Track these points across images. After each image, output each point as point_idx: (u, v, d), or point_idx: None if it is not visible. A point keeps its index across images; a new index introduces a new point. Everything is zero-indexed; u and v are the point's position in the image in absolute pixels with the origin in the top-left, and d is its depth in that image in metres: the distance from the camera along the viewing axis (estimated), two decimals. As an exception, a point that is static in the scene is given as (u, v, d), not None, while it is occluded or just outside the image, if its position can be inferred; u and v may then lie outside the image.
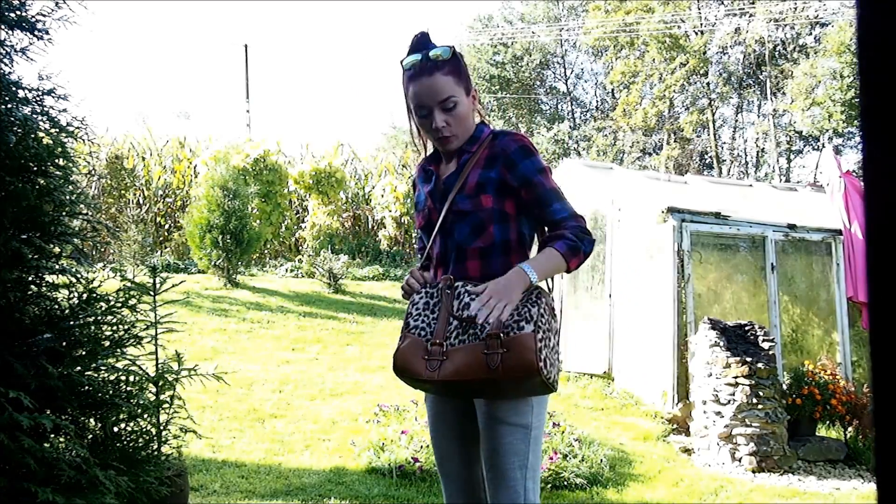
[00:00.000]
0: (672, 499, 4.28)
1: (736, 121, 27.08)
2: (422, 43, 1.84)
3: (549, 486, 4.12)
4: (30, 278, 2.33)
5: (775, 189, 8.00)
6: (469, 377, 1.66)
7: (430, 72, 1.78)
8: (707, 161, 26.11)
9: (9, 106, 2.26)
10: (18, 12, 2.33)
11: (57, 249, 2.40)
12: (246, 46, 23.29)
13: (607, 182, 7.16)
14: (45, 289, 2.38)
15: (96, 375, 2.42)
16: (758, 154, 26.48)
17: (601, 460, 4.48)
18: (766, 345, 5.24)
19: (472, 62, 27.83)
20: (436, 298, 1.78)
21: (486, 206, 1.82)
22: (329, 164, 12.96)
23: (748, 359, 5.05)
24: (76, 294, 2.43)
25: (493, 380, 1.64)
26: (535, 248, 1.90)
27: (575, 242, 1.76)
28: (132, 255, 9.87)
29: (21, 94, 2.31)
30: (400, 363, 1.75)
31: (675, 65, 23.66)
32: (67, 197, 2.34)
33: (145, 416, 2.72)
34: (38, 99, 2.34)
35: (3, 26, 2.31)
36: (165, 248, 13.05)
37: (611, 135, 26.66)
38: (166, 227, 13.73)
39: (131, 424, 2.63)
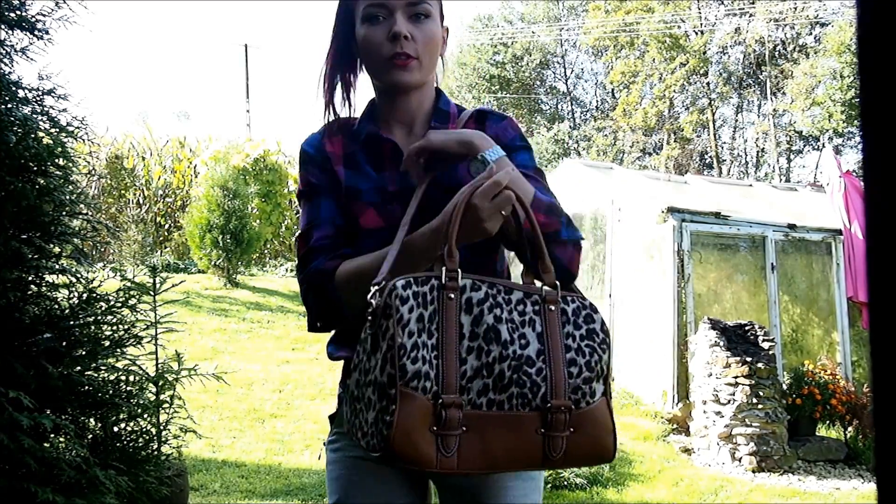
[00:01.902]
0: (672, 499, 4.28)
1: (736, 121, 27.09)
2: None
3: (549, 486, 4.12)
4: (30, 278, 2.33)
5: (775, 189, 8.01)
6: (511, 469, 1.05)
7: None
8: (707, 161, 26.11)
9: (9, 106, 2.26)
10: (18, 12, 2.33)
11: (57, 249, 2.40)
12: (246, 46, 23.29)
13: (607, 182, 7.16)
14: (45, 289, 2.38)
15: (96, 375, 2.42)
16: (758, 154, 26.48)
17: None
18: (766, 345, 5.24)
19: (472, 62, 27.84)
20: (431, 307, 1.02)
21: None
22: (329, 164, 12.95)
23: (748, 359, 5.05)
24: (76, 294, 2.43)
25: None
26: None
27: (557, 206, 1.19)
28: (132, 255, 9.88)
29: (21, 93, 2.31)
30: (401, 443, 0.97)
31: (675, 65, 23.66)
32: (67, 197, 2.34)
33: (145, 416, 2.72)
34: (38, 99, 2.34)
35: (3, 26, 2.31)
36: (165, 248, 13.05)
37: (611, 135, 26.66)
38: (166, 227, 13.73)
39: (131, 424, 2.63)
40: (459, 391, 0.99)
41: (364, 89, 1.37)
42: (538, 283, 1.11)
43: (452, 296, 1.02)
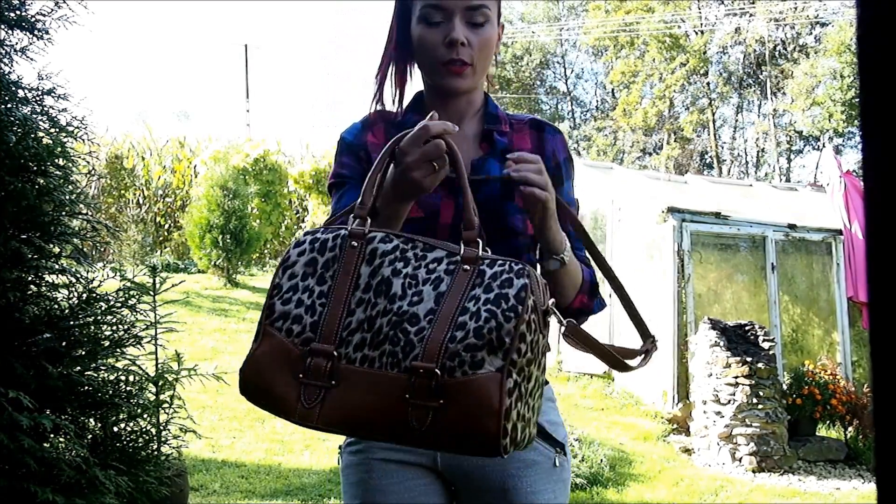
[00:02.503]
0: (672, 499, 4.28)
1: (736, 121, 27.10)
2: None
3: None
4: (29, 278, 2.33)
5: (775, 189, 8.01)
6: (371, 433, 0.94)
7: None
8: (707, 161, 26.11)
9: (9, 106, 2.26)
10: (18, 12, 2.33)
11: (57, 249, 2.40)
12: (246, 46, 23.30)
13: (607, 182, 7.16)
14: (44, 289, 2.38)
15: (96, 375, 2.42)
16: (758, 154, 26.49)
17: (601, 460, 4.48)
18: (766, 345, 5.24)
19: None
20: (329, 253, 0.99)
21: (530, 232, 1.20)
22: (329, 164, 12.97)
23: (748, 359, 5.05)
24: (76, 294, 2.43)
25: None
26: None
27: (597, 286, 1.28)
28: (132, 255, 9.88)
29: (21, 93, 2.31)
30: (252, 381, 0.98)
31: (675, 65, 23.67)
32: (67, 197, 2.34)
33: (145, 416, 2.72)
34: (37, 99, 2.34)
35: (3, 26, 2.31)
36: (165, 247, 13.05)
37: (611, 135, 26.67)
38: (166, 227, 13.74)
39: (131, 424, 2.63)
40: (339, 342, 0.93)
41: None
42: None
43: (355, 244, 0.98)
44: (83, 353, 2.36)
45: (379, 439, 0.98)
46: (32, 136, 2.26)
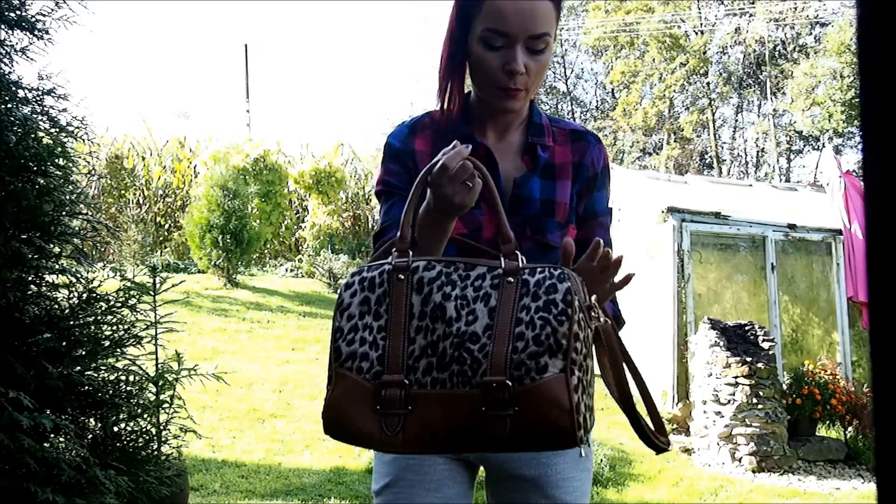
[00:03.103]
0: (672, 499, 4.28)
1: (736, 121, 27.09)
2: None
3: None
4: (30, 278, 2.33)
5: (775, 189, 8.01)
6: (452, 447, 1.01)
7: None
8: (707, 161, 26.11)
9: (9, 106, 2.26)
10: (18, 12, 2.33)
11: (57, 249, 2.40)
12: (246, 46, 23.28)
13: (607, 182, 7.16)
14: (45, 289, 2.39)
15: (96, 375, 2.42)
16: (758, 154, 26.49)
17: (601, 460, 4.48)
18: (766, 345, 5.24)
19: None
20: (380, 289, 1.03)
21: (570, 242, 1.21)
22: (329, 164, 12.96)
23: (748, 359, 5.05)
24: (76, 294, 2.43)
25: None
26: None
27: (619, 312, 1.33)
28: (132, 255, 9.88)
29: (21, 93, 2.31)
30: (335, 421, 1.04)
31: (675, 65, 23.67)
32: (67, 197, 2.34)
33: (145, 416, 2.72)
34: (37, 99, 2.34)
35: (3, 26, 2.31)
36: (165, 247, 13.05)
37: (611, 135, 26.66)
38: (166, 227, 13.73)
39: (131, 424, 2.63)
40: (407, 370, 0.99)
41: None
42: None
43: (402, 276, 1.02)
44: (83, 353, 2.36)
45: (460, 451, 1.03)
46: (33, 136, 2.26)
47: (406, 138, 1.30)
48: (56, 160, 2.31)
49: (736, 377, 5.04)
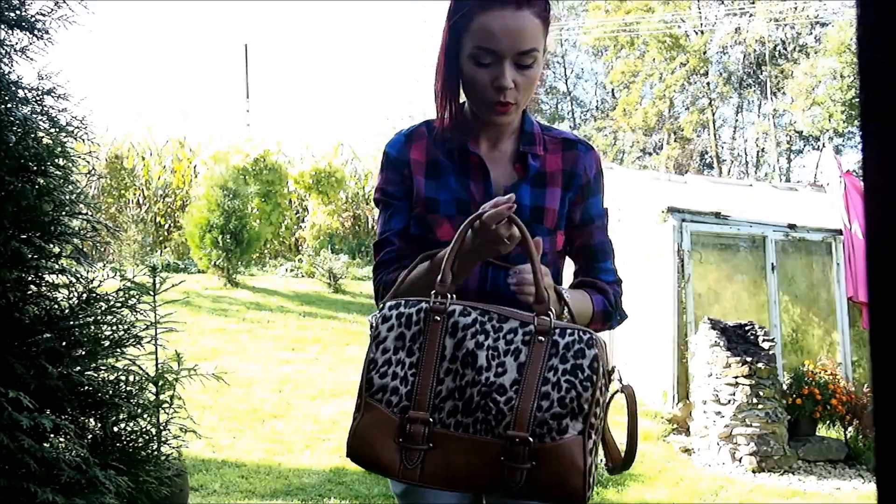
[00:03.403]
0: (672, 499, 4.28)
1: (736, 121, 27.10)
2: None
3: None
4: (29, 278, 2.33)
5: (775, 189, 8.01)
6: (469, 488, 1.07)
7: (520, 4, 1.19)
8: (707, 161, 26.11)
9: (8, 105, 2.26)
10: (18, 12, 2.33)
11: (57, 249, 2.40)
12: (246, 46, 23.28)
13: (607, 182, 7.15)
14: (44, 289, 2.38)
15: (96, 375, 2.42)
16: (758, 154, 26.49)
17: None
18: (766, 345, 5.24)
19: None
20: (415, 327, 1.08)
21: (559, 248, 1.34)
22: (329, 164, 12.96)
23: (748, 359, 5.05)
24: (76, 294, 2.43)
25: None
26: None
27: (611, 311, 1.35)
28: (132, 255, 9.88)
29: (21, 93, 2.31)
30: (359, 449, 1.09)
31: (675, 65, 23.67)
32: (67, 197, 2.34)
33: (145, 416, 2.72)
34: (37, 98, 2.34)
35: (2, 26, 2.31)
36: (165, 247, 13.05)
37: (611, 135, 26.66)
38: (166, 226, 13.73)
39: (131, 424, 2.62)
40: (432, 409, 1.04)
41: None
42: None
43: (438, 318, 1.07)
44: (83, 353, 2.36)
45: (471, 492, 1.13)
46: (32, 136, 2.26)
47: (402, 147, 1.34)
48: (56, 160, 2.31)
49: (736, 377, 5.04)
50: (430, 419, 1.04)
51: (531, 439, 1.00)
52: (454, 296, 1.10)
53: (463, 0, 1.22)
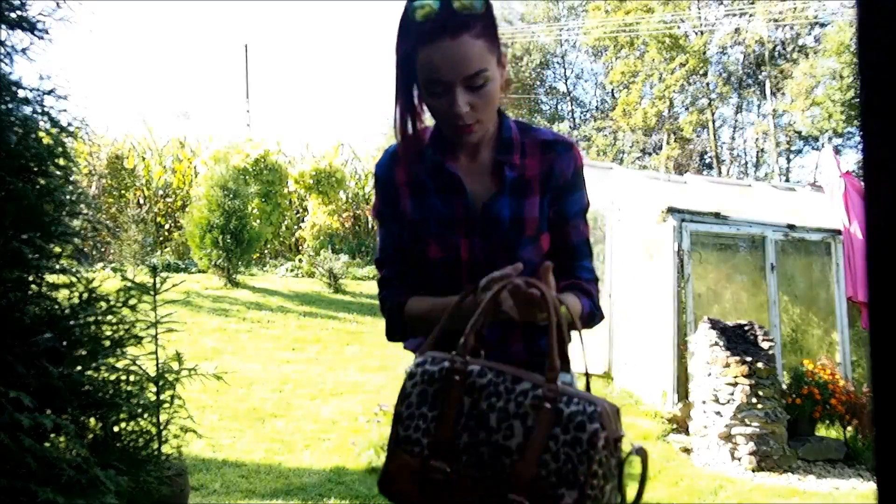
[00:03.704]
0: (672, 498, 4.28)
1: (736, 121, 27.09)
2: None
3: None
4: (30, 278, 2.33)
5: (775, 189, 8.01)
6: None
7: (455, 31, 1.19)
8: (707, 161, 26.11)
9: (9, 106, 2.26)
10: (18, 12, 2.33)
11: (57, 249, 2.40)
12: (246, 46, 23.29)
13: (607, 182, 7.16)
14: (45, 289, 2.38)
15: (96, 375, 2.42)
16: (758, 154, 26.49)
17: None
18: (765, 344, 5.24)
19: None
20: (437, 385, 1.18)
21: (545, 251, 1.36)
22: (329, 164, 12.96)
23: (748, 358, 5.05)
24: (76, 294, 2.43)
25: None
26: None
27: (595, 312, 1.38)
28: (132, 255, 9.87)
29: (21, 93, 2.31)
30: (388, 490, 1.22)
31: (674, 65, 23.67)
32: (67, 197, 2.34)
33: (145, 415, 2.72)
34: (38, 99, 2.34)
35: (3, 26, 2.31)
36: (165, 248, 13.05)
37: (611, 135, 26.67)
38: (166, 227, 13.73)
39: (131, 424, 2.63)
40: (451, 460, 1.14)
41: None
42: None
43: (458, 377, 1.16)
44: (84, 352, 2.36)
45: None
46: (33, 136, 2.26)
47: (388, 169, 1.38)
48: (56, 160, 2.31)
49: (735, 377, 5.04)
50: (448, 469, 1.14)
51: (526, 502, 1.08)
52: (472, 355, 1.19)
53: (405, 36, 1.23)
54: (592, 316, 1.37)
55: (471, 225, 1.31)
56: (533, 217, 1.32)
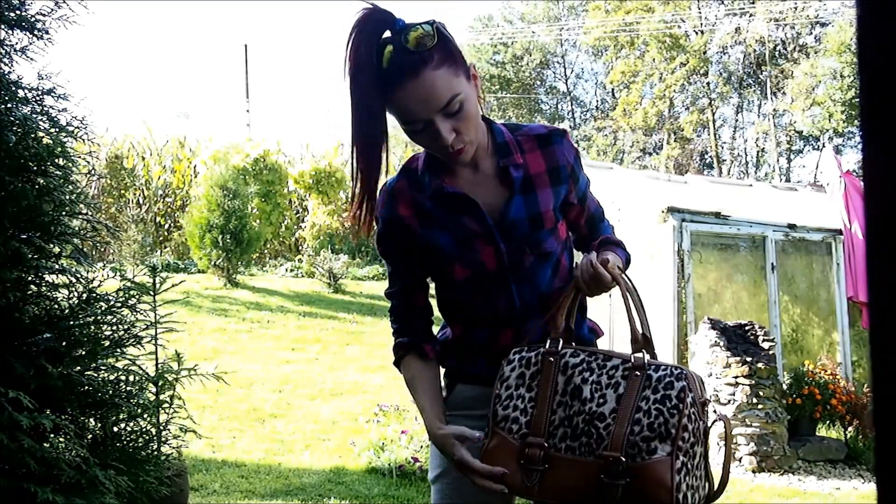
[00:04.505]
0: (672, 499, 4.28)
1: (736, 121, 27.10)
2: (381, 23, 1.22)
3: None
4: (30, 278, 2.33)
5: (775, 189, 8.01)
6: (574, 502, 1.22)
7: (415, 69, 1.19)
8: (707, 161, 26.11)
9: (8, 105, 2.26)
10: (18, 12, 2.33)
11: (57, 249, 2.40)
12: (246, 46, 23.28)
13: (607, 182, 7.16)
14: (44, 289, 2.38)
15: (96, 375, 2.42)
16: (758, 154, 26.49)
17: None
18: (766, 345, 5.24)
19: (472, 62, 27.87)
20: (534, 367, 1.26)
21: (563, 238, 1.43)
22: (329, 164, 12.96)
23: (748, 359, 5.05)
24: (76, 294, 2.43)
25: None
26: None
27: (629, 256, 1.50)
28: (132, 255, 9.87)
29: (21, 93, 2.31)
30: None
31: (675, 64, 23.67)
32: (67, 197, 2.34)
33: (145, 415, 2.72)
34: (37, 99, 2.34)
35: (2, 26, 2.31)
36: (165, 247, 13.05)
37: (611, 135, 26.67)
38: (166, 226, 13.73)
39: (131, 424, 2.62)
40: (547, 435, 1.23)
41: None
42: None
43: (552, 359, 1.26)
44: (83, 353, 2.36)
45: None
46: (32, 136, 2.26)
47: (391, 208, 1.37)
48: (56, 160, 2.31)
49: (736, 377, 5.04)
50: (546, 444, 1.22)
51: (623, 459, 1.15)
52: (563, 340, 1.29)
53: (361, 86, 1.21)
54: (628, 261, 1.47)
55: (490, 234, 1.32)
56: (548, 210, 1.36)
